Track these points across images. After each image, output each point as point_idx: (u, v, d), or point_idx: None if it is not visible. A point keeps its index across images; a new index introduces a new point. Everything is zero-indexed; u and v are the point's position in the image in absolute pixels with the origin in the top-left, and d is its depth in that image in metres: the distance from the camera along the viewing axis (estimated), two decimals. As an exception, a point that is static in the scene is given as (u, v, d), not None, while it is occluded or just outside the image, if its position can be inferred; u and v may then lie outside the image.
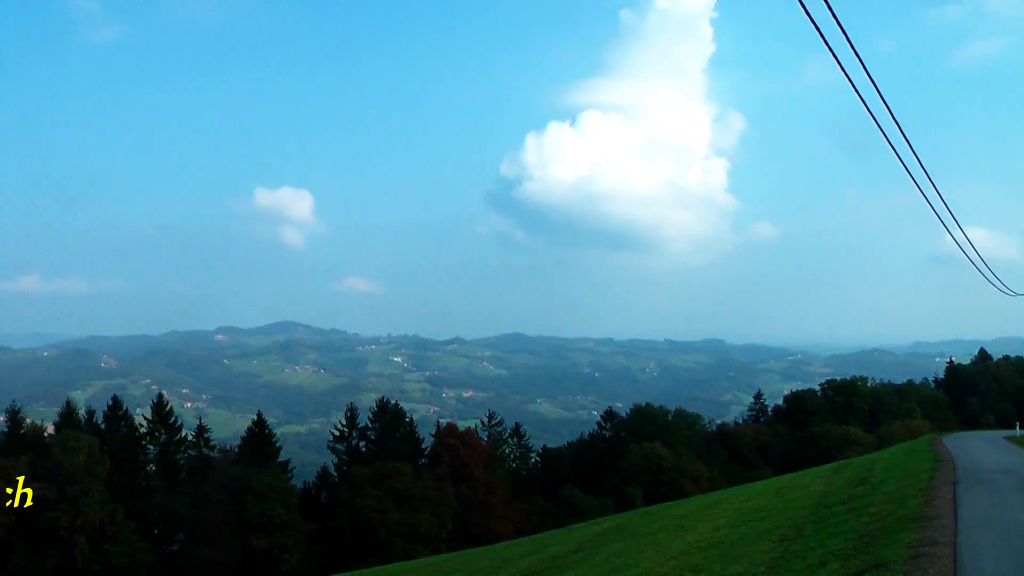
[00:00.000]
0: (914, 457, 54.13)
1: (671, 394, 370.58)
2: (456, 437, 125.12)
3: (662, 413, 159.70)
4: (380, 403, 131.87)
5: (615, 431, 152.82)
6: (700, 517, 49.02)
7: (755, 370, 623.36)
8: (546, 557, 50.95)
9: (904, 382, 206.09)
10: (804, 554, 25.43)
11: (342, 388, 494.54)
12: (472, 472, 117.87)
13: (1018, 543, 23.15)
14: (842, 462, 78.04)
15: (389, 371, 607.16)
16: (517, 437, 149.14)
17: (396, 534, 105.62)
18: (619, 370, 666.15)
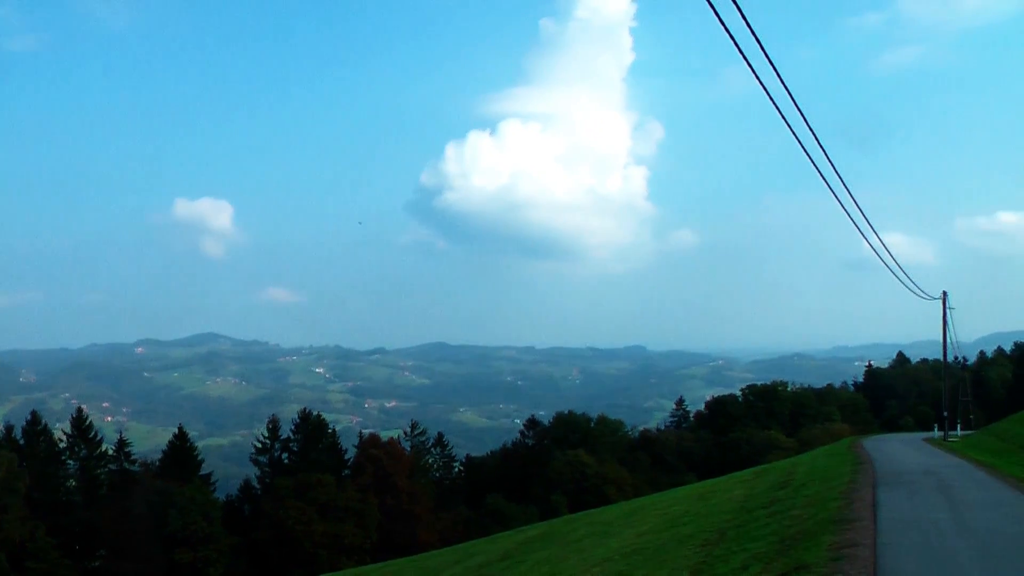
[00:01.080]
0: (834, 460, 54.78)
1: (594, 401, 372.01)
2: (379, 447, 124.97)
3: (585, 420, 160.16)
4: (302, 414, 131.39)
5: (538, 439, 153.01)
6: (624, 523, 49.31)
7: (677, 376, 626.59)
8: (472, 566, 51.09)
9: (824, 386, 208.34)
10: (727, 558, 25.71)
11: (264, 400, 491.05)
12: (396, 482, 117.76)
13: (937, 543, 23.53)
14: (764, 466, 78.70)
15: (311, 382, 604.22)
16: (440, 446, 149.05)
17: (320, 545, 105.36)
18: (542, 378, 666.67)
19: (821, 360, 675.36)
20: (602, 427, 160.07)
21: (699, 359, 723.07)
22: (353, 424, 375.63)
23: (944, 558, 21.28)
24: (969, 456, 56.52)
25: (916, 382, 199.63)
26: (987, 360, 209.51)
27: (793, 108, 22.61)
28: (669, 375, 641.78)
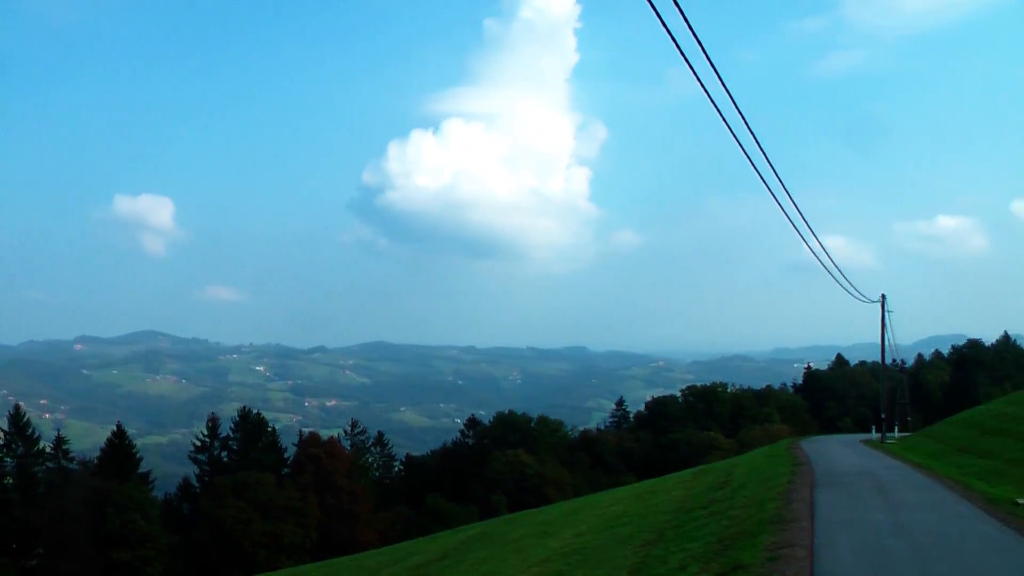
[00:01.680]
0: (773, 461, 55.07)
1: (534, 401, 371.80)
2: (319, 446, 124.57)
3: (525, 420, 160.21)
4: (242, 413, 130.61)
5: (479, 439, 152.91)
6: (563, 523, 49.39)
7: (618, 377, 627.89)
8: (411, 566, 51.03)
9: (764, 387, 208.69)
10: (665, 558, 25.81)
11: (204, 398, 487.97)
12: (336, 481, 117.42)
13: (873, 542, 23.74)
14: (703, 467, 79.04)
15: (251, 380, 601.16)
16: (381, 446, 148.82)
17: (260, 545, 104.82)
18: (482, 378, 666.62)
19: (761, 362, 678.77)
20: (542, 427, 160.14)
21: (640, 360, 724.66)
22: (293, 423, 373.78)
23: (880, 558, 21.48)
24: (906, 458, 57.01)
25: (855, 384, 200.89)
26: (925, 363, 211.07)
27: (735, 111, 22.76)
28: (609, 376, 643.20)
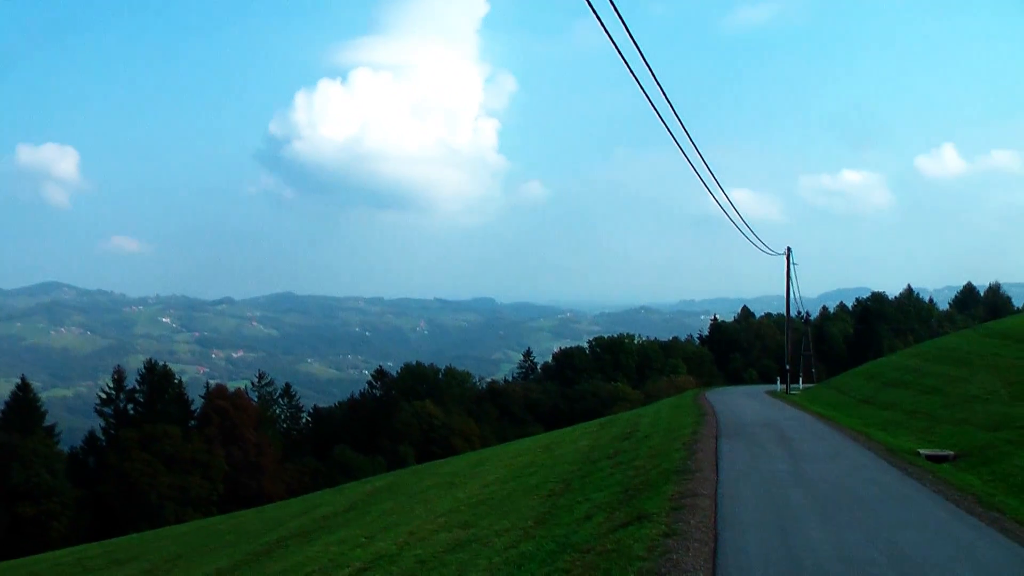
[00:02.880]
0: (678, 412, 55.38)
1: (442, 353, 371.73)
2: (226, 398, 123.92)
3: (433, 372, 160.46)
4: (148, 365, 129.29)
5: (386, 390, 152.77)
6: (470, 474, 49.45)
7: (525, 328, 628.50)
8: (317, 517, 50.89)
9: (670, 339, 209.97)
10: (571, 508, 25.92)
11: (109, 350, 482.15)
12: (242, 433, 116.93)
13: (776, 492, 24.00)
14: (609, 417, 79.36)
15: (157, 332, 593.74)
16: (288, 397, 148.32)
17: (166, 497, 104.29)
18: (390, 329, 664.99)
19: (667, 313, 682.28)
20: (450, 378, 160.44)
21: (547, 311, 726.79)
22: (200, 375, 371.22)
23: (781, 507, 21.73)
24: (809, 408, 57.58)
25: (760, 336, 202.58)
26: (829, 315, 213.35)
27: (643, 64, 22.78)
28: (517, 327, 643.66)
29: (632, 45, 21.23)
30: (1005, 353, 59.50)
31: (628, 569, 15.56)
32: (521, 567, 19.14)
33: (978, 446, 34.83)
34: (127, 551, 60.78)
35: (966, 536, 18.84)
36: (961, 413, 44.78)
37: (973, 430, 39.17)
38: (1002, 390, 47.13)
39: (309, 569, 31.00)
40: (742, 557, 16.46)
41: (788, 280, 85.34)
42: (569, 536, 20.97)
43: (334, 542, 36.58)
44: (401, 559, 26.81)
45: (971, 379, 54.60)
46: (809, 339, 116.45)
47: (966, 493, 24.46)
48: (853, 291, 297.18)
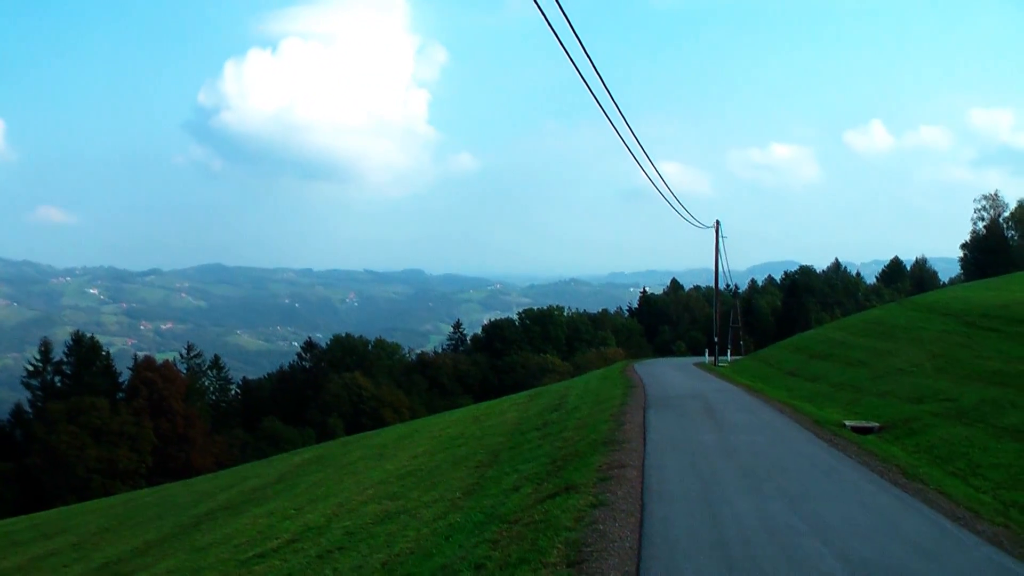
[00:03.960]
0: (607, 383, 55.57)
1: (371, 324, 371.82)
2: (154, 370, 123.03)
3: (362, 343, 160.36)
4: (75, 336, 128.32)
5: (315, 362, 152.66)
6: (400, 446, 49.49)
7: (454, 300, 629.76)
8: (246, 489, 50.79)
9: (600, 311, 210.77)
10: (499, 479, 26.00)
11: (36, 322, 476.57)
12: (171, 405, 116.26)
13: (702, 463, 24.16)
14: (538, 389, 79.55)
15: (85, 303, 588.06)
16: (217, 369, 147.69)
17: (94, 470, 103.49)
18: (319, 301, 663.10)
19: (597, 286, 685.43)
20: (379, 350, 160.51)
21: (476, 283, 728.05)
22: (128, 346, 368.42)
23: (708, 477, 21.88)
24: (737, 380, 57.95)
25: (688, 308, 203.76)
26: (758, 288, 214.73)
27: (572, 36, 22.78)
28: (447, 299, 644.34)
29: (563, 18, 21.24)
30: (930, 326, 60.18)
31: (555, 540, 15.66)
32: (449, 538, 19.21)
33: (902, 418, 35.23)
34: (55, 524, 60.39)
35: (890, 506, 19.07)
36: (886, 385, 45.27)
37: (898, 402, 39.62)
38: (926, 363, 47.70)
39: (237, 541, 30.96)
40: (668, 527, 16.59)
41: (717, 253, 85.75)
42: (497, 507, 21.06)
43: (263, 514, 36.54)
44: (329, 530, 26.84)
45: (896, 352, 55.20)
46: (737, 312, 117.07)
47: (890, 464, 24.73)
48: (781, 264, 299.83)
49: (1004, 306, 57.40)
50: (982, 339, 49.66)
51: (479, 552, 16.32)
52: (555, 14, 20.47)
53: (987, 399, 34.60)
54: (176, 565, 30.61)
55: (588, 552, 14.65)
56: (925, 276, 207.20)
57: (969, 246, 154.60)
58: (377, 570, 19.06)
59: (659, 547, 15.17)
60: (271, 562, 25.29)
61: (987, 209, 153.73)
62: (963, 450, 27.92)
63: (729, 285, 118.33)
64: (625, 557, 14.44)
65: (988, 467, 25.44)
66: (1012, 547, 15.89)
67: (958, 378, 41.09)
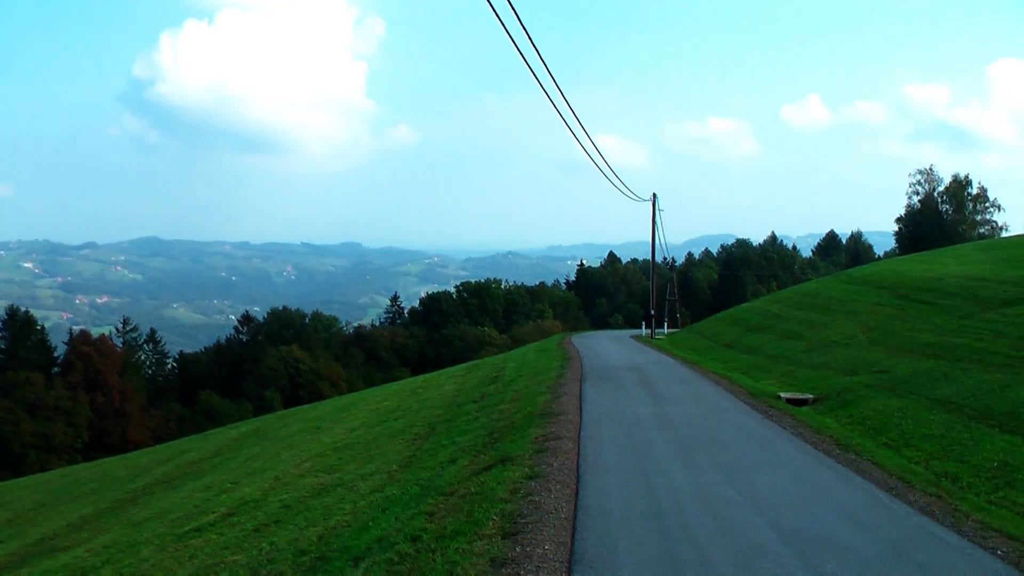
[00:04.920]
0: (544, 356, 55.78)
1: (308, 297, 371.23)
2: (90, 344, 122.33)
3: (299, 316, 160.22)
4: (10, 311, 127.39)
5: (252, 335, 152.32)
6: (337, 419, 49.51)
7: (392, 273, 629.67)
8: (183, 463, 50.67)
9: (537, 284, 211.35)
10: (436, 451, 26.07)
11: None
12: (107, 380, 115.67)
13: (638, 434, 24.27)
14: (476, 362, 79.76)
15: (19, 277, 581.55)
16: (153, 343, 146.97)
17: (29, 446, 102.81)
18: (256, 274, 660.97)
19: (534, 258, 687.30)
20: (316, 323, 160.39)
21: (414, 256, 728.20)
22: (63, 321, 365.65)
23: (643, 449, 21.99)
24: (673, 353, 58.24)
25: (626, 281, 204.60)
26: (694, 262, 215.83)
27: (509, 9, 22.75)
28: (384, 272, 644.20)
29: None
30: (864, 299, 60.68)
31: (490, 511, 15.72)
32: (385, 511, 19.24)
33: (837, 390, 35.52)
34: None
35: (823, 477, 19.25)
36: (821, 357, 45.66)
37: (832, 374, 39.96)
38: (860, 335, 48.11)
39: (174, 515, 30.90)
40: (603, 498, 16.68)
41: (654, 226, 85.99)
42: (433, 479, 21.12)
43: (199, 488, 36.49)
44: (266, 504, 26.84)
45: (831, 324, 55.67)
46: (674, 285, 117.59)
47: (824, 435, 24.97)
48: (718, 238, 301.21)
49: (937, 279, 57.97)
50: (916, 312, 50.14)
51: (415, 524, 16.37)
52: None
53: (920, 371, 34.95)
54: (112, 540, 30.50)
55: (523, 523, 14.72)
56: (860, 249, 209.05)
57: (904, 220, 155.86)
58: (313, 543, 19.08)
59: (594, 518, 15.26)
60: (208, 536, 25.26)
61: (922, 184, 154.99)
62: (896, 421, 28.18)
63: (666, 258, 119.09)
64: (560, 528, 14.52)
65: (920, 438, 25.70)
66: (943, 516, 16.09)
67: (892, 350, 41.48)
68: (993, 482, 20.62)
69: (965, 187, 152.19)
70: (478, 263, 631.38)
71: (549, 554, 13.23)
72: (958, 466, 22.34)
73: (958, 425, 26.23)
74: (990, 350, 35.27)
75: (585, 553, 13.36)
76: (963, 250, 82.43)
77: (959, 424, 26.32)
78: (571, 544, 13.78)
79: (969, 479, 21.10)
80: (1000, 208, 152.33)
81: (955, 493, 18.94)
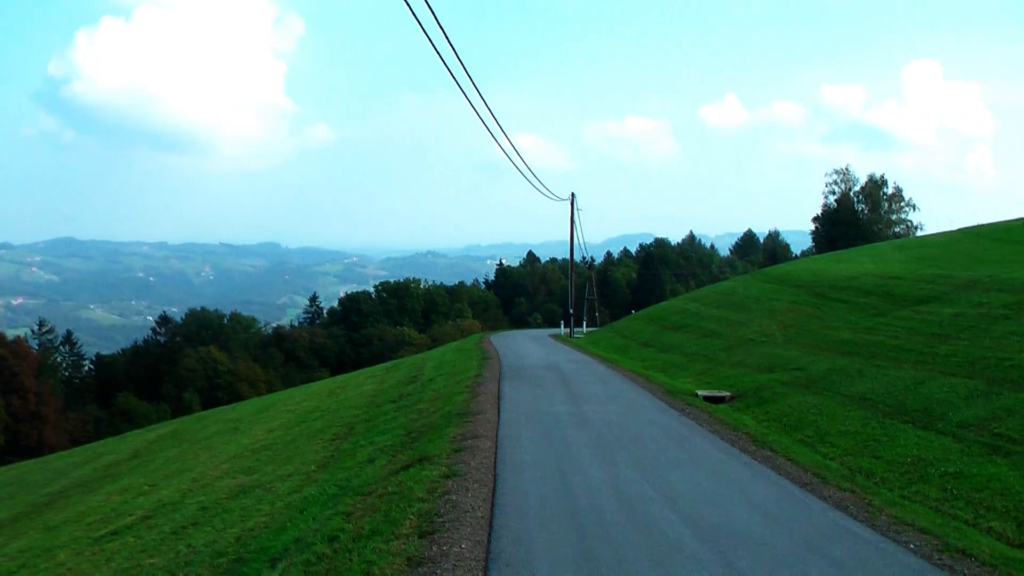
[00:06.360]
0: (463, 355, 55.81)
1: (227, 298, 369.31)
2: (4, 346, 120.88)
3: (218, 317, 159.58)
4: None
5: (170, 336, 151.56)
6: (255, 420, 49.30)
7: (311, 273, 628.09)
8: (100, 466, 50.25)
9: (456, 283, 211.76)
10: (354, 452, 26.04)
11: None
12: (22, 382, 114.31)
13: (556, 433, 24.33)
14: (395, 362, 79.79)
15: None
16: (69, 345, 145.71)
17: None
18: (174, 274, 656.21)
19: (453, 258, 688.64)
20: (235, 324, 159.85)
21: (333, 256, 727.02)
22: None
23: (561, 448, 22.06)
24: (592, 352, 58.47)
25: (545, 281, 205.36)
26: (613, 261, 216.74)
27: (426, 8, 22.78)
28: (303, 272, 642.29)
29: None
30: (781, 297, 61.23)
31: (408, 511, 15.73)
32: (303, 511, 19.21)
33: (753, 387, 35.83)
34: (-100, 504, 59.18)
35: (739, 473, 19.42)
36: (738, 355, 46.00)
37: (749, 372, 40.28)
38: (777, 333, 48.54)
39: (91, 519, 30.65)
40: (520, 497, 16.73)
41: (572, 226, 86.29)
42: (351, 480, 21.10)
43: (117, 491, 36.22)
44: (184, 506, 26.70)
45: (748, 323, 56.12)
46: (593, 284, 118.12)
47: (741, 432, 25.21)
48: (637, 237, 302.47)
49: (853, 277, 58.61)
50: (832, 310, 50.66)
51: (332, 524, 16.35)
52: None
53: (835, 368, 35.33)
54: (28, 544, 30.21)
55: (440, 523, 14.74)
56: (777, 248, 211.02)
57: (820, 219, 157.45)
58: (231, 544, 19.00)
59: (511, 516, 15.30)
60: (125, 539, 25.08)
61: (838, 183, 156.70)
62: (812, 418, 28.48)
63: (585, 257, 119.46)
64: (477, 527, 14.56)
65: (836, 434, 25.99)
66: (857, 511, 16.28)
67: (808, 348, 41.89)
68: (906, 477, 20.90)
69: (880, 187, 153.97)
70: (397, 263, 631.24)
71: (465, 553, 13.26)
72: (872, 462, 22.62)
73: (872, 421, 26.55)
74: (904, 347, 35.71)
75: (502, 552, 13.39)
76: (879, 249, 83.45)
77: (873, 420, 26.64)
78: (488, 543, 13.82)
79: (883, 474, 21.37)
80: (915, 207, 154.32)
81: (869, 488, 19.17)
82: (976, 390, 26.90)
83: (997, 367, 28.66)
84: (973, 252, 61.87)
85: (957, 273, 49.27)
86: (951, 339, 34.82)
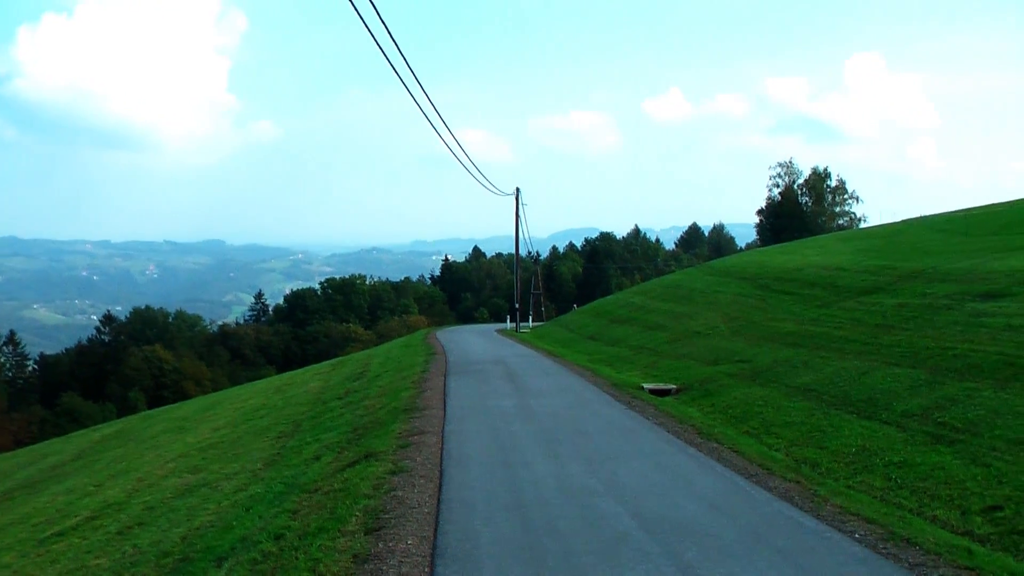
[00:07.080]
0: (409, 351, 55.82)
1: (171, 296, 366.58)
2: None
3: (163, 315, 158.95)
4: None
5: (115, 335, 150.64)
6: (201, 418, 49.14)
7: (256, 270, 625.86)
8: (45, 467, 49.94)
9: (402, 279, 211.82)
10: (300, 449, 25.99)
11: None
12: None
13: (502, 427, 24.36)
14: (341, 358, 79.65)
15: None
16: (12, 345, 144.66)
17: None
18: (118, 273, 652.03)
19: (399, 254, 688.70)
20: (180, 322, 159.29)
21: (278, 253, 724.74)
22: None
23: (507, 442, 22.08)
24: (538, 346, 58.61)
25: (490, 276, 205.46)
26: (559, 255, 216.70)
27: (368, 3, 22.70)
28: (248, 269, 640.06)
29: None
30: (726, 290, 61.50)
31: (353, 507, 15.70)
32: (249, 509, 19.14)
33: (699, 379, 35.98)
34: None
35: (685, 465, 19.47)
36: (684, 348, 46.16)
37: (695, 364, 40.44)
38: (722, 325, 48.73)
39: (36, 520, 30.43)
40: (466, 491, 16.73)
41: (517, 220, 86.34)
42: (297, 477, 21.05)
43: (62, 492, 36.00)
44: (129, 506, 26.57)
45: (694, 315, 56.32)
46: (539, 278, 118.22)
47: (687, 425, 25.27)
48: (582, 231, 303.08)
49: (797, 269, 58.93)
50: (776, 302, 50.90)
51: (279, 522, 16.30)
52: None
53: (780, 360, 35.50)
54: (-29, 546, 29.96)
55: (386, 519, 14.72)
56: (722, 241, 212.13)
57: (765, 212, 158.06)
58: (177, 544, 18.92)
59: (457, 511, 15.30)
60: (70, 540, 24.94)
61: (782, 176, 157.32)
62: (757, 410, 28.62)
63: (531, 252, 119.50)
64: (423, 522, 14.55)
65: (781, 425, 26.13)
66: (802, 501, 16.35)
67: (753, 340, 42.06)
68: (851, 467, 21.04)
69: (824, 179, 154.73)
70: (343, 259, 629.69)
71: (412, 548, 13.25)
72: (817, 452, 22.77)
73: (817, 412, 26.70)
74: (848, 338, 35.92)
75: (448, 547, 13.39)
76: (823, 241, 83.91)
77: (818, 411, 26.79)
78: (434, 538, 13.81)
79: (828, 465, 21.52)
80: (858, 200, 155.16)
81: (814, 479, 19.26)
82: (919, 380, 27.08)
83: (940, 357, 28.86)
84: (916, 243, 62.30)
85: (901, 264, 49.57)
86: (895, 330, 35.04)
